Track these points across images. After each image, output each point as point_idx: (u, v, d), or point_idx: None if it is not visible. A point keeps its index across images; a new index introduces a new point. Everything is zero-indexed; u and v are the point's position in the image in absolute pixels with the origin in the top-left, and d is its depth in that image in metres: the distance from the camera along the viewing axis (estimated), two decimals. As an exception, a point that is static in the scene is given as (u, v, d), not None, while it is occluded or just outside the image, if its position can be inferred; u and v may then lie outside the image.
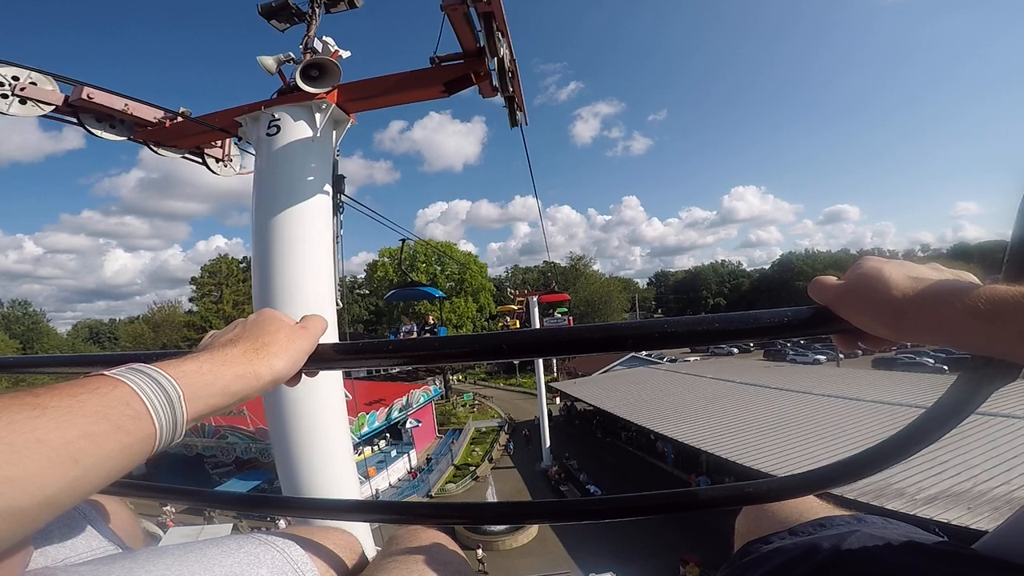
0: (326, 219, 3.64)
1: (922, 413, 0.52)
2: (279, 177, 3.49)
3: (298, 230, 3.42)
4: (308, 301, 3.43)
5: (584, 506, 0.76)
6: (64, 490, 0.36)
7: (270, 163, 3.51)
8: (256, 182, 3.59)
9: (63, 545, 0.63)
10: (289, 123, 3.48)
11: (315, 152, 3.53)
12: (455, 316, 48.51)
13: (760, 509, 0.79)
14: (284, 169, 3.49)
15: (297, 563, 0.66)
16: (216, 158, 4.77)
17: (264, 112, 3.54)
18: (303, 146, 3.49)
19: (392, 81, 3.66)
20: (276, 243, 3.39)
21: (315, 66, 3.41)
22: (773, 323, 0.52)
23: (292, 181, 3.47)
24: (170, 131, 4.14)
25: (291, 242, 3.39)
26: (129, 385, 0.44)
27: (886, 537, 0.58)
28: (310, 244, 3.45)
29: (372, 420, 23.02)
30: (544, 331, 0.61)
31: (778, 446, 15.07)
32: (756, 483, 0.67)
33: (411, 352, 0.68)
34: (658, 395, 25.76)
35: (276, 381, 0.59)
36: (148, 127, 4.10)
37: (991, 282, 0.41)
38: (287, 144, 3.46)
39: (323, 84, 3.40)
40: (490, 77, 3.44)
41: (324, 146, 3.61)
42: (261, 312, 0.68)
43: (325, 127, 3.54)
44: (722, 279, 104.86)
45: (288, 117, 3.48)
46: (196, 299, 57.94)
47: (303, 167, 3.48)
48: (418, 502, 0.85)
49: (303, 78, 3.35)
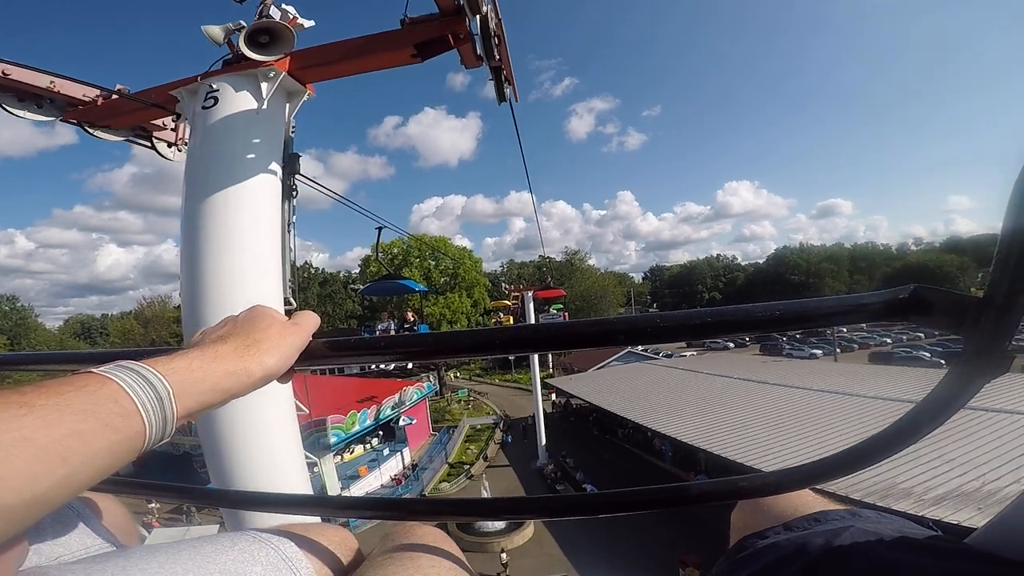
0: (273, 203, 3.22)
1: (914, 406, 0.52)
2: (213, 155, 3.05)
3: (236, 217, 2.98)
4: (248, 300, 2.81)
5: (579, 501, 0.76)
6: (52, 488, 0.36)
7: (204, 139, 3.09)
8: (188, 162, 3.18)
9: (56, 543, 0.63)
10: (229, 94, 3.06)
11: (261, 127, 3.11)
12: (449, 311, 48.37)
13: (755, 503, 0.79)
14: (220, 146, 3.05)
15: (292, 560, 0.66)
16: (168, 142, 4.42)
17: (201, 84, 3.13)
18: (245, 120, 3.06)
19: (353, 45, 3.22)
20: (207, 233, 2.94)
21: (264, 31, 3.00)
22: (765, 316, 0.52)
23: (229, 159, 3.02)
24: (102, 110, 3.77)
25: (226, 231, 2.95)
26: (118, 382, 0.43)
27: (880, 532, 0.58)
28: (252, 233, 3.02)
29: (363, 418, 22.81)
30: (538, 326, 0.61)
31: (777, 443, 15.03)
32: (750, 477, 0.67)
33: (404, 349, 0.68)
34: (655, 391, 25.68)
35: (267, 378, 0.58)
36: (80, 106, 3.75)
37: (984, 275, 0.41)
38: (225, 117, 3.04)
39: (273, 51, 3.01)
40: (472, 42, 3.07)
41: (272, 120, 3.20)
42: (253, 308, 0.67)
43: (274, 99, 3.14)
44: (717, 273, 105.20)
45: (228, 88, 3.06)
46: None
47: (244, 143, 3.05)
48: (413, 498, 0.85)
49: (250, 44, 2.96)
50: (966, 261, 72.03)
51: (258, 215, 3.08)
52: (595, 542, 16.76)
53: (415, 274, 46.64)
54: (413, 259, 49.85)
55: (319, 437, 20.01)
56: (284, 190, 3.42)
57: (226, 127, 3.05)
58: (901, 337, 50.60)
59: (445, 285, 51.31)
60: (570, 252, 79.86)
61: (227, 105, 3.04)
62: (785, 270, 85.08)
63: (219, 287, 2.93)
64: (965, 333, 0.42)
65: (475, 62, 3.17)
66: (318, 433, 20.02)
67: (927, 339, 46.33)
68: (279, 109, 3.28)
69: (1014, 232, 0.37)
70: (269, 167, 3.15)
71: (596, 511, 0.74)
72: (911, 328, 45.67)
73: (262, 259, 3.08)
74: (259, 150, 3.10)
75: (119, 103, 3.71)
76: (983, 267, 66.10)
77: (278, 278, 3.23)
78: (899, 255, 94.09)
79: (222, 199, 2.98)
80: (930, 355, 37.73)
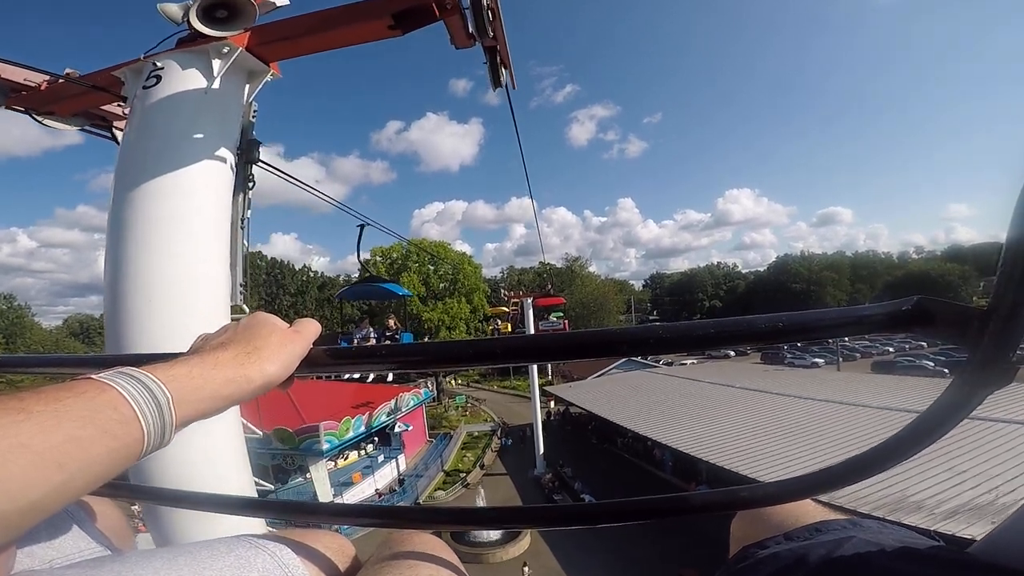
0: (222, 196, 2.89)
1: (917, 417, 0.52)
2: (148, 139, 2.71)
3: (171, 212, 2.61)
4: (185, 309, 2.60)
5: (577, 511, 0.75)
6: (49, 495, 0.36)
7: (140, 122, 2.76)
8: (121, 149, 2.84)
9: (49, 546, 0.62)
10: (174, 72, 2.74)
11: (210, 109, 2.80)
12: (448, 317, 48.26)
13: (756, 513, 0.79)
14: (157, 129, 2.71)
15: (288, 566, 0.66)
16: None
17: (146, 62, 2.82)
18: (191, 100, 2.74)
19: (321, 16, 2.93)
20: (134, 232, 2.56)
21: (221, 5, 2.75)
22: (768, 328, 0.52)
23: (167, 144, 2.68)
24: (45, 95, 3.51)
25: (157, 229, 2.58)
26: (117, 389, 0.43)
27: (882, 542, 0.58)
28: (191, 231, 2.67)
29: (358, 425, 22.57)
30: (539, 337, 0.61)
31: (779, 454, 14.86)
32: (751, 487, 0.66)
33: (404, 357, 0.68)
34: (655, 400, 25.46)
35: (268, 385, 0.58)
36: (23, 92, 3.49)
37: (987, 284, 0.41)
38: (166, 97, 2.71)
39: (231, 27, 2.76)
40: (461, 15, 2.77)
41: (226, 102, 2.90)
42: (253, 315, 0.67)
43: (229, 78, 2.84)
44: (718, 281, 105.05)
45: (174, 65, 2.75)
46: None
47: (187, 126, 2.73)
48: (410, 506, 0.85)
49: (204, 19, 2.70)
50: (968, 270, 72.10)
51: (200, 209, 2.72)
52: (592, 554, 16.57)
53: (413, 279, 46.53)
54: (412, 264, 49.78)
55: (312, 443, 19.89)
56: (238, 181, 3.09)
57: (166, 108, 2.71)
58: (903, 346, 50.47)
59: (444, 291, 51.20)
60: (570, 259, 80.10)
61: (170, 84, 2.73)
62: (787, 278, 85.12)
63: (147, 296, 2.52)
64: (969, 344, 0.42)
65: (466, 41, 2.88)
66: (311, 439, 19.89)
67: (930, 348, 46.24)
68: (235, 90, 2.97)
69: (1018, 243, 0.37)
70: (217, 154, 2.81)
71: (594, 521, 0.74)
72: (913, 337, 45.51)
73: (205, 262, 2.72)
74: (206, 135, 2.76)
75: (62, 87, 3.44)
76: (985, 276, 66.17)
77: (224, 283, 2.87)
78: (900, 264, 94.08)
79: (154, 191, 2.59)
80: (933, 364, 37.65)
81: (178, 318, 2.56)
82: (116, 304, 2.55)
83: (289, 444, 20.07)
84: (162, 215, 2.60)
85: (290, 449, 20.21)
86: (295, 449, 20.12)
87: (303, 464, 20.61)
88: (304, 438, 19.91)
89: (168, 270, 2.58)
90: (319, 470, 20.68)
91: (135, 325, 2.51)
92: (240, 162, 3.12)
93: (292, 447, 20.10)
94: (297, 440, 19.92)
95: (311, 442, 19.90)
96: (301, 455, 20.37)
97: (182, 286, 2.61)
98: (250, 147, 3.22)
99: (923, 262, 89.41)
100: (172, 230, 2.61)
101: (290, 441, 20.00)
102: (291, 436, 19.90)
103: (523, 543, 17.68)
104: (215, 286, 2.78)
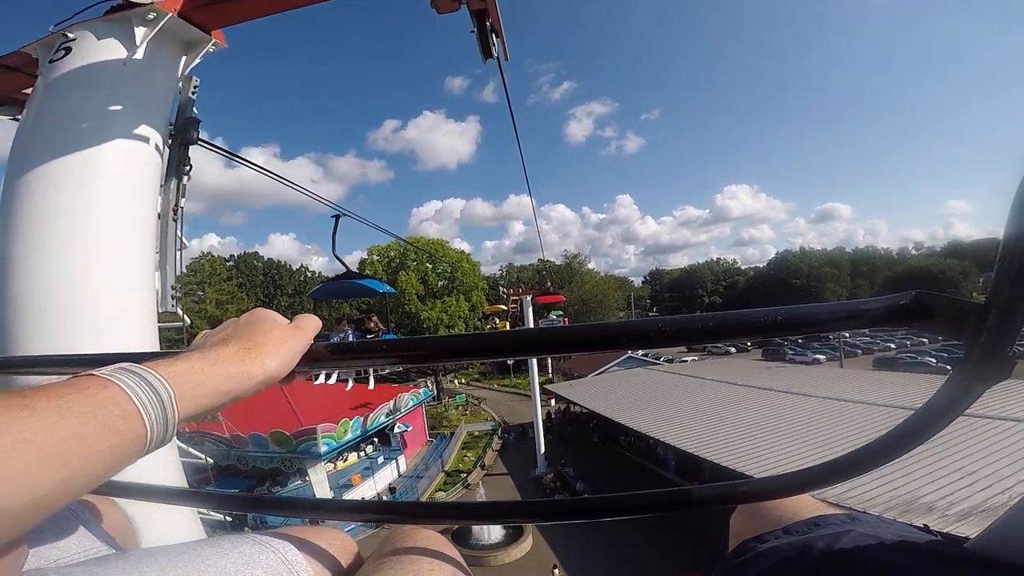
0: (145, 181, 2.48)
1: (916, 411, 0.52)
2: (47, 117, 2.33)
3: (71, 198, 2.20)
4: (89, 316, 2.17)
5: (578, 505, 0.75)
6: (53, 491, 0.36)
7: (42, 99, 2.40)
8: (18, 131, 2.44)
9: (55, 546, 0.63)
10: (88, 43, 2.39)
11: (130, 82, 2.42)
12: (447, 316, 48.08)
13: (755, 508, 0.80)
14: (61, 106, 2.32)
15: (292, 564, 0.66)
16: None
17: (58, 35, 2.47)
18: (107, 73, 2.36)
19: None
20: (23, 225, 2.15)
21: None
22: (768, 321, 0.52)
23: (72, 122, 2.28)
24: None
25: (54, 219, 2.17)
26: (119, 385, 0.44)
27: (880, 536, 0.58)
28: (99, 222, 2.25)
29: (356, 426, 22.50)
30: (539, 330, 0.61)
31: (782, 451, 14.73)
32: (750, 482, 0.67)
33: (405, 352, 0.68)
34: (656, 398, 25.27)
35: (269, 381, 0.59)
36: None
37: (986, 280, 0.42)
38: (74, 70, 2.34)
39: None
40: None
41: (152, 75, 2.54)
42: (254, 312, 0.67)
43: (158, 48, 2.48)
44: (717, 277, 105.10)
45: (89, 35, 2.40)
46: (178, 298, 56.98)
47: (100, 102, 2.35)
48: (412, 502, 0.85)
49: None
50: (968, 265, 72.11)
51: (113, 199, 2.30)
52: (595, 556, 16.45)
53: (412, 277, 46.32)
54: (411, 262, 49.57)
55: (309, 446, 19.81)
56: (171, 165, 2.72)
57: (73, 82, 2.34)
58: (905, 342, 50.48)
59: (443, 289, 51.00)
60: (569, 256, 79.83)
61: (81, 56, 2.37)
62: (786, 274, 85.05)
63: (37, 304, 2.09)
64: (967, 339, 0.43)
65: (451, 4, 2.59)
66: (308, 442, 19.79)
67: (931, 344, 46.23)
68: (166, 62, 2.63)
69: (1015, 238, 0.38)
70: (137, 133, 2.41)
71: (595, 515, 0.74)
72: (914, 333, 45.68)
73: (126, 257, 2.33)
74: (124, 112, 2.38)
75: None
76: (984, 272, 66.17)
77: (147, 286, 2.46)
78: (900, 259, 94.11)
79: (48, 179, 2.18)
80: (935, 361, 37.59)
81: (80, 330, 2.15)
82: (4, 312, 2.13)
83: (286, 447, 19.99)
84: (58, 207, 2.18)
85: (287, 452, 20.11)
86: (292, 452, 20.03)
87: (301, 467, 20.53)
88: (301, 441, 19.82)
89: (67, 273, 2.16)
90: (317, 473, 20.65)
91: (23, 338, 2.10)
92: (174, 143, 2.75)
93: (289, 450, 20.02)
94: (294, 443, 19.83)
95: (308, 445, 19.82)
96: (299, 458, 20.28)
97: (84, 292, 2.17)
98: (187, 126, 2.82)
99: (923, 258, 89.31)
100: (70, 225, 2.19)
101: (287, 444, 19.92)
102: (288, 439, 19.82)
103: (524, 545, 17.48)
104: (133, 290, 2.36)
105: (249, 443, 20.45)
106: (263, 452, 20.39)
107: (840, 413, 17.27)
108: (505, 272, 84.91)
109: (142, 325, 2.39)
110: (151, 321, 2.48)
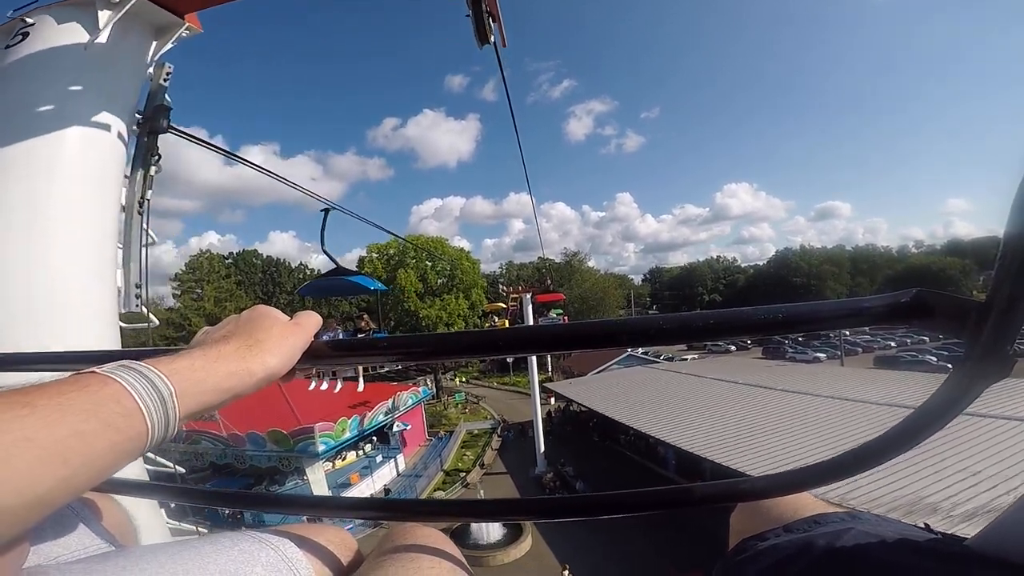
0: (109, 172, 2.37)
1: (916, 409, 0.52)
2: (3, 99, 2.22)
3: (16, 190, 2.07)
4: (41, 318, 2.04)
5: (578, 502, 0.75)
6: (54, 489, 0.36)
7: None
8: None
9: (55, 543, 0.63)
10: (47, 27, 2.29)
11: (91, 68, 2.31)
12: (446, 313, 48.00)
13: (755, 506, 0.80)
14: (12, 93, 2.21)
15: (292, 560, 0.66)
16: None
17: (17, 21, 2.37)
18: (66, 59, 2.27)
19: None
20: None
21: None
22: (768, 319, 0.52)
23: (23, 109, 2.18)
24: None
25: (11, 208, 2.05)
26: (120, 382, 0.44)
27: (881, 534, 0.58)
28: (47, 215, 2.11)
29: (354, 425, 22.45)
30: (540, 327, 0.61)
31: (784, 452, 14.65)
32: (751, 480, 0.67)
33: (405, 349, 0.68)
34: (657, 396, 25.14)
35: (269, 378, 0.59)
36: None
37: (986, 278, 0.42)
38: (29, 55, 2.25)
39: None
40: None
41: (117, 60, 2.43)
42: (255, 308, 0.67)
43: (124, 32, 2.38)
44: (717, 275, 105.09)
45: (48, 20, 2.31)
46: (178, 296, 57.54)
47: (57, 89, 2.25)
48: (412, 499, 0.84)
49: None
50: (968, 264, 72.16)
51: (64, 191, 2.17)
52: (595, 557, 16.40)
53: (411, 275, 46.27)
54: (410, 260, 49.45)
55: (307, 445, 19.77)
56: (137, 155, 2.59)
57: (28, 68, 2.23)
58: (906, 340, 50.47)
59: (442, 287, 50.90)
60: (569, 254, 79.71)
61: (39, 41, 2.27)
62: (786, 272, 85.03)
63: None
64: (967, 337, 0.43)
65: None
66: (306, 441, 19.75)
67: (932, 342, 46.22)
68: (133, 46, 2.52)
69: (1015, 237, 0.38)
70: (96, 120, 2.30)
71: (596, 512, 0.74)
72: (915, 331, 45.66)
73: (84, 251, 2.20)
74: (84, 99, 2.28)
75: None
76: (984, 270, 66.21)
77: (107, 284, 2.31)
78: (900, 257, 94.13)
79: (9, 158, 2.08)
80: (936, 359, 37.64)
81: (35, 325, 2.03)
82: None
83: (284, 446, 19.95)
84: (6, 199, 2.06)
85: (285, 451, 20.07)
86: (290, 451, 19.99)
87: (299, 466, 20.48)
88: (299, 440, 19.78)
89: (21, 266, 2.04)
90: (315, 472, 20.62)
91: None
92: (141, 132, 2.60)
93: (287, 449, 19.97)
94: (292, 442, 19.79)
95: (306, 444, 19.78)
96: (297, 457, 20.23)
97: (30, 291, 2.03)
98: (157, 114, 2.67)
99: (923, 256, 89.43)
100: (12, 219, 2.06)
101: (285, 443, 19.88)
102: (286, 438, 19.79)
103: (523, 545, 17.41)
104: (90, 289, 2.22)
105: (246, 442, 20.45)
106: (260, 451, 20.37)
107: (841, 411, 17.22)
108: (505, 270, 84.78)
109: (100, 326, 2.25)
110: (112, 321, 2.33)
